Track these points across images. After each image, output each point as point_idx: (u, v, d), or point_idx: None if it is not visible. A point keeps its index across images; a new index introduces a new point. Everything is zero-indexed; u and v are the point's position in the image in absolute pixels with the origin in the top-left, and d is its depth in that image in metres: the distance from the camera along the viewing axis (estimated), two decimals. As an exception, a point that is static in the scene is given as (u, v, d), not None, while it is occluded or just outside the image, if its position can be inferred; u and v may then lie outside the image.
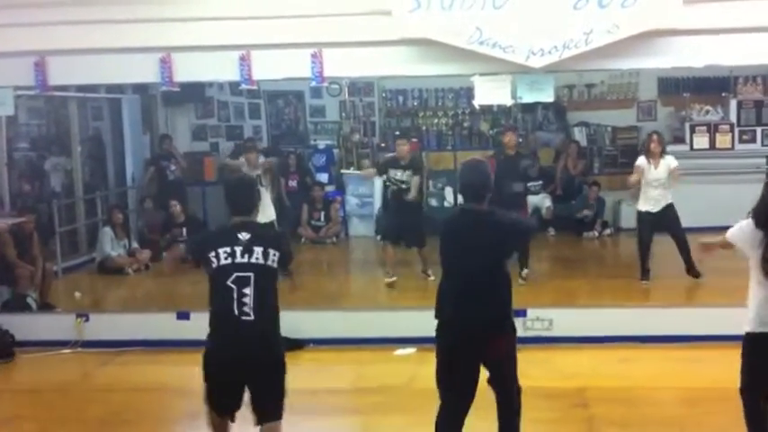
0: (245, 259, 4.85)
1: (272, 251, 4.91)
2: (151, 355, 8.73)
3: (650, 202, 10.19)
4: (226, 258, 4.87)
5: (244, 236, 4.91)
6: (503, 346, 5.32)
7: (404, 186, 10.51)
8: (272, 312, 4.98)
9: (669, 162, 10.18)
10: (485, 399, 5.35)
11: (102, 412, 7.29)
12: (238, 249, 4.86)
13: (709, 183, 12.57)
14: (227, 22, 8.78)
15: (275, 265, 4.93)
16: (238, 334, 4.86)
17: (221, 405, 5.02)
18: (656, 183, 10.15)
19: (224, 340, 4.91)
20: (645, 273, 10.24)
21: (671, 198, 10.18)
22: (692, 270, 10.04)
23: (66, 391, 7.88)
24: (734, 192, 12.27)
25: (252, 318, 4.82)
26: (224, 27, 8.78)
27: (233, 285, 4.82)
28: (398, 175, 10.54)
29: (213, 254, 4.89)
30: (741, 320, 5.47)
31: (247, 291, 4.81)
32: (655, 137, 10.36)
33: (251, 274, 4.83)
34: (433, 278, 10.44)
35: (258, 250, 4.88)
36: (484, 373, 5.33)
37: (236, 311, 4.82)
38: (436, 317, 5.28)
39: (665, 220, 10.14)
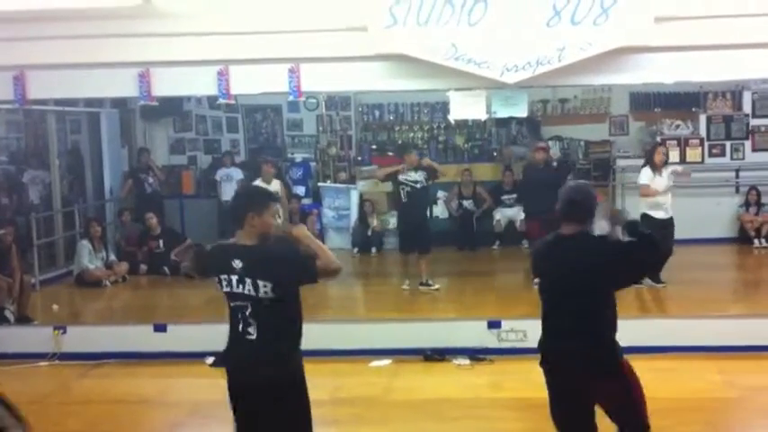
0: (240, 290, 4.59)
1: (261, 283, 4.54)
2: (128, 368, 8.76)
3: (660, 208, 10.28)
4: (226, 286, 4.66)
5: (237, 264, 4.60)
6: (608, 390, 4.78)
7: (418, 186, 10.77)
8: (280, 335, 4.68)
9: (671, 170, 10.43)
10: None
11: (79, 425, 7.32)
12: (234, 278, 4.60)
13: (679, 196, 12.74)
14: (205, 37, 8.86)
15: (270, 295, 4.55)
16: (244, 355, 4.68)
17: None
18: (664, 190, 10.34)
19: (234, 363, 4.74)
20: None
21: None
22: (656, 278, 10.19)
23: (44, 403, 7.87)
24: (704, 204, 12.54)
25: (254, 336, 4.62)
26: (202, 42, 8.86)
27: (237, 312, 4.65)
28: (412, 176, 10.74)
29: (217, 279, 4.70)
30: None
31: (249, 320, 4.61)
32: (661, 149, 10.50)
33: (248, 304, 4.59)
34: (437, 287, 10.63)
35: (248, 282, 4.57)
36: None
37: (241, 331, 4.65)
38: (539, 348, 5.00)
39: (665, 230, 10.25)
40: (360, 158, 15.22)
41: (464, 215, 14.14)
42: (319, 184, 15.00)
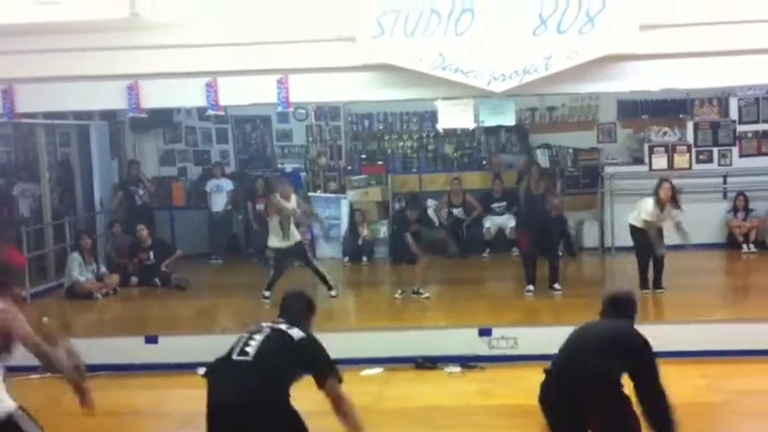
0: (272, 325, 5.26)
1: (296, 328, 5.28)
2: (120, 380, 8.73)
3: (647, 224, 10.40)
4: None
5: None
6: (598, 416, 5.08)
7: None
8: (275, 361, 5.12)
9: (676, 214, 10.41)
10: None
11: (72, 437, 7.32)
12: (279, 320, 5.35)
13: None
14: (193, 49, 8.90)
15: (297, 335, 5.24)
16: (238, 374, 5.05)
17: None
18: (660, 221, 10.43)
19: (220, 376, 5.15)
20: (648, 282, 10.47)
21: None
22: (658, 285, 10.37)
23: (36, 416, 7.86)
24: (692, 211, 12.61)
25: (249, 357, 4.98)
26: (190, 54, 8.90)
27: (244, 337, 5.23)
28: None
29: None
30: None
31: (252, 341, 5.10)
32: (666, 185, 10.37)
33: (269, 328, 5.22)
34: (427, 295, 10.70)
35: (286, 322, 5.30)
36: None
37: (239, 351, 5.08)
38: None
39: (652, 236, 10.40)
40: (350, 168, 15.25)
41: (454, 223, 14.17)
42: (309, 194, 15.00)
